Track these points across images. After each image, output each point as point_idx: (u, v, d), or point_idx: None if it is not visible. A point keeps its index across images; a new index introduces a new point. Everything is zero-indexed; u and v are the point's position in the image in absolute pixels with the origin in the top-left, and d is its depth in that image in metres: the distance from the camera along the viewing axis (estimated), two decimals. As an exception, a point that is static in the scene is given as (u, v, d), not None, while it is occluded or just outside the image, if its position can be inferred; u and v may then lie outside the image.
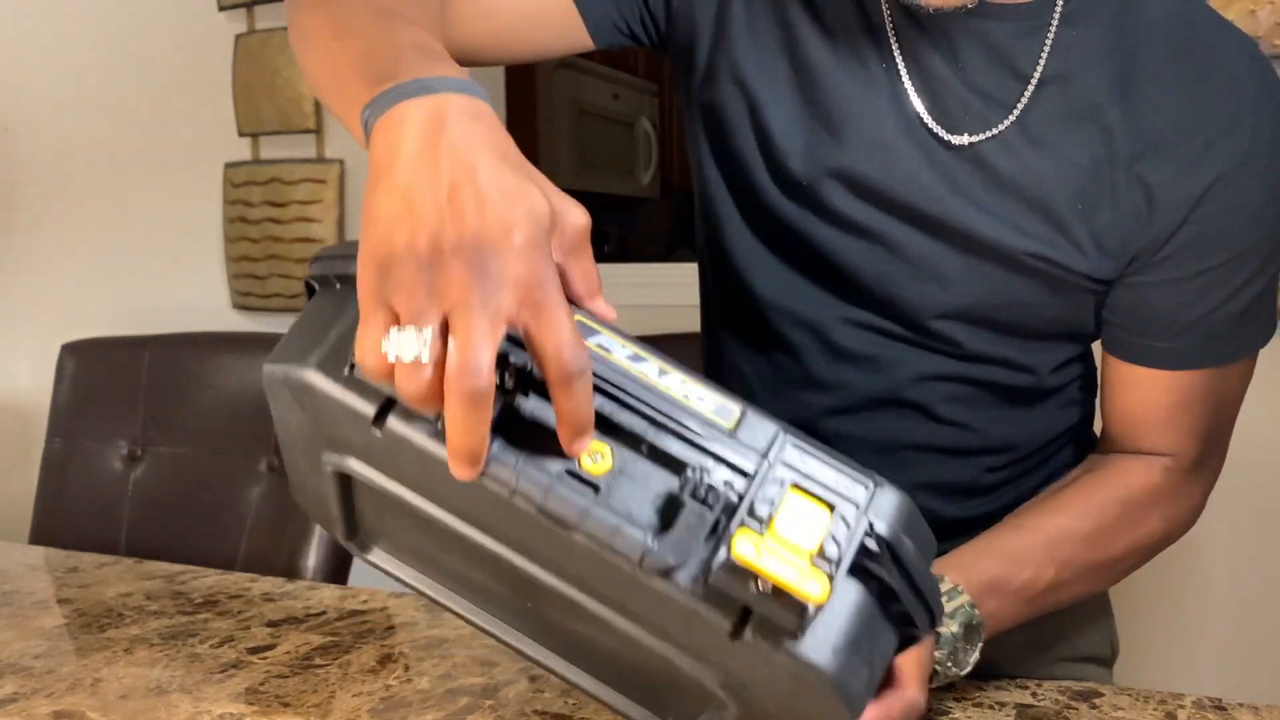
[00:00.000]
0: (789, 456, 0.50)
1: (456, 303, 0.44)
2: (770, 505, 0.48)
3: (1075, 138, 0.73)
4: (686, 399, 0.51)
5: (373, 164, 0.50)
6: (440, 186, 0.46)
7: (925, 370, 0.80)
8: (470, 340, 0.44)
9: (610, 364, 0.50)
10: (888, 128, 0.76)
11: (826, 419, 0.83)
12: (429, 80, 0.51)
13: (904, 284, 0.78)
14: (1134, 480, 0.80)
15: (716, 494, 0.48)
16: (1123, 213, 0.73)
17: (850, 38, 0.77)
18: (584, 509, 0.48)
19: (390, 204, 0.47)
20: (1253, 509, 1.62)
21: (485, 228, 0.45)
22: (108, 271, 2.50)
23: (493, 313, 0.44)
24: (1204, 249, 0.74)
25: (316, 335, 0.53)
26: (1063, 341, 0.82)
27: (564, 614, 0.55)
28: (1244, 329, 0.78)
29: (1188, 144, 0.72)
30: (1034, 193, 0.74)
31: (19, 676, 0.81)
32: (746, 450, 0.50)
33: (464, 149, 0.47)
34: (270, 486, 1.38)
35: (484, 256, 0.45)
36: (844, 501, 0.49)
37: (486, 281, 0.45)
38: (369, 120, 0.51)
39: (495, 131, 0.49)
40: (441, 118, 0.49)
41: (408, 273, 0.45)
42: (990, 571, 0.73)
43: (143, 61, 2.42)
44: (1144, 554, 0.82)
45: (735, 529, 0.47)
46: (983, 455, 0.84)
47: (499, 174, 0.47)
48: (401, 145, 0.48)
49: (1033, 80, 0.74)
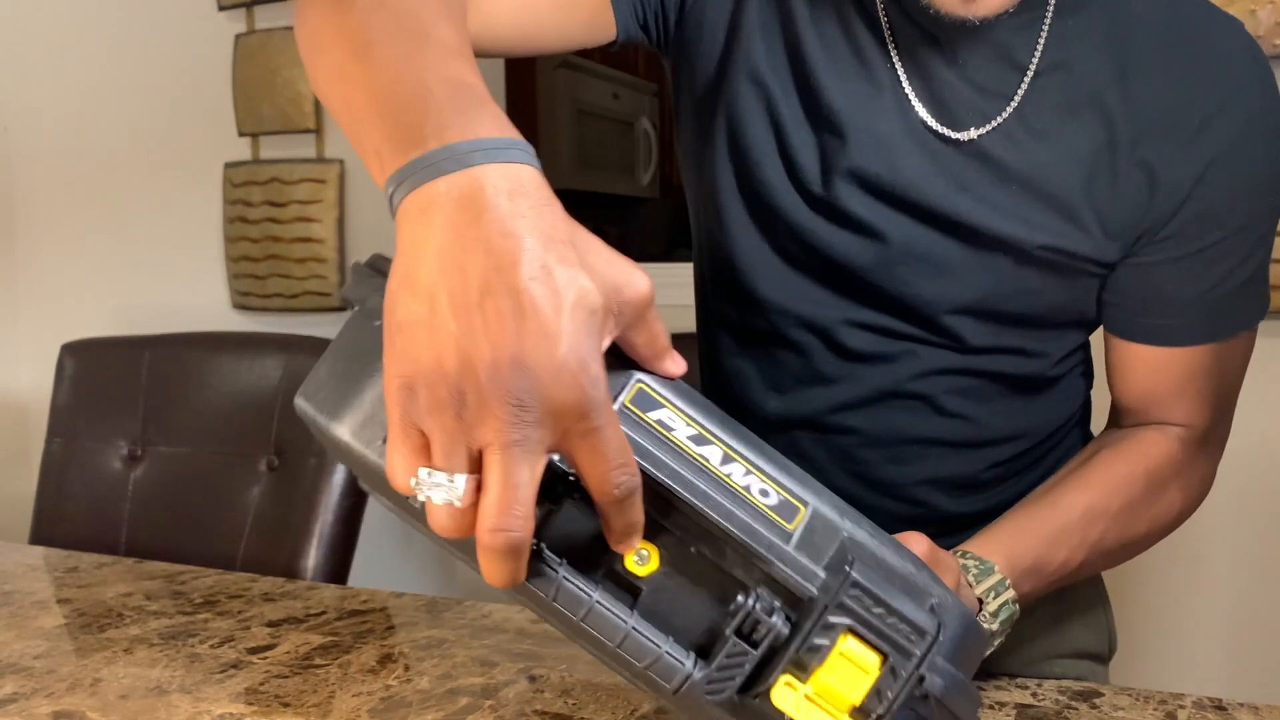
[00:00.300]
0: (854, 581, 0.46)
1: (491, 443, 0.41)
2: (819, 654, 0.45)
3: (1077, 125, 0.74)
4: (748, 492, 0.47)
5: (399, 250, 0.45)
6: (471, 290, 0.41)
7: (931, 365, 0.81)
8: (507, 491, 0.41)
9: (669, 447, 0.46)
10: (891, 129, 0.76)
11: (831, 414, 0.83)
12: (460, 148, 0.45)
13: (915, 283, 0.78)
14: (1155, 451, 0.81)
15: (765, 628, 0.45)
16: (1126, 196, 0.74)
17: (850, 39, 0.77)
18: (624, 631, 0.46)
19: (414, 310, 0.42)
20: (1253, 509, 1.62)
21: (524, 344, 0.40)
22: (108, 271, 2.50)
23: (532, 453, 0.41)
24: (1205, 226, 0.75)
25: (350, 383, 0.50)
26: (1067, 329, 0.83)
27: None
28: (1244, 302, 0.80)
29: (1185, 124, 0.73)
30: (1040, 183, 0.75)
31: (19, 676, 0.81)
32: (809, 569, 0.46)
33: (500, 240, 0.42)
34: (270, 486, 1.38)
35: (523, 382, 0.40)
36: (899, 651, 0.46)
37: (525, 414, 0.40)
38: (394, 198, 0.46)
39: (539, 210, 0.44)
40: (476, 201, 0.43)
41: (436, 396, 0.41)
42: (1032, 555, 0.73)
43: (143, 61, 2.42)
44: (1164, 530, 0.82)
45: (778, 675, 0.45)
46: (987, 448, 0.84)
47: (541, 267, 0.42)
48: (429, 238, 0.43)
49: (1029, 71, 0.75)
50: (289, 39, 2.24)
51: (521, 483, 0.41)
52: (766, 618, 0.45)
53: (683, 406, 0.48)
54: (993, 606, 0.69)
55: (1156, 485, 0.80)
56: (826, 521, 0.47)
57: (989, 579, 0.69)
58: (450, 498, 0.42)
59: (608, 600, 0.46)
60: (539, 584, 0.45)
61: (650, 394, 0.47)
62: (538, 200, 0.44)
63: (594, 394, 0.41)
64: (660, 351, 0.48)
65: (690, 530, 0.47)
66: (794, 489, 0.48)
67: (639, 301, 0.45)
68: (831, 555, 0.47)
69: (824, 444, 0.84)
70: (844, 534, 0.48)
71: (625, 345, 0.47)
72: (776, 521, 0.47)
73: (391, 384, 0.42)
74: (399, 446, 0.43)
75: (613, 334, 0.45)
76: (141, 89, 2.42)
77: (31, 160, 2.57)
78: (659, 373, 0.48)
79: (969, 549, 0.72)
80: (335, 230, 2.24)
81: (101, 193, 2.49)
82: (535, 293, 0.41)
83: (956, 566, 0.67)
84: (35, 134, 2.56)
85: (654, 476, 0.45)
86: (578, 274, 0.42)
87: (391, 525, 2.28)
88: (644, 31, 0.84)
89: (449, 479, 0.41)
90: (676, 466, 0.46)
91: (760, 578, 0.47)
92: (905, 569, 0.49)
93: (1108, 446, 0.82)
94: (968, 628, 0.49)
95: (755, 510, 0.46)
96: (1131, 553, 0.82)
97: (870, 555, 0.48)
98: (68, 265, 2.55)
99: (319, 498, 1.32)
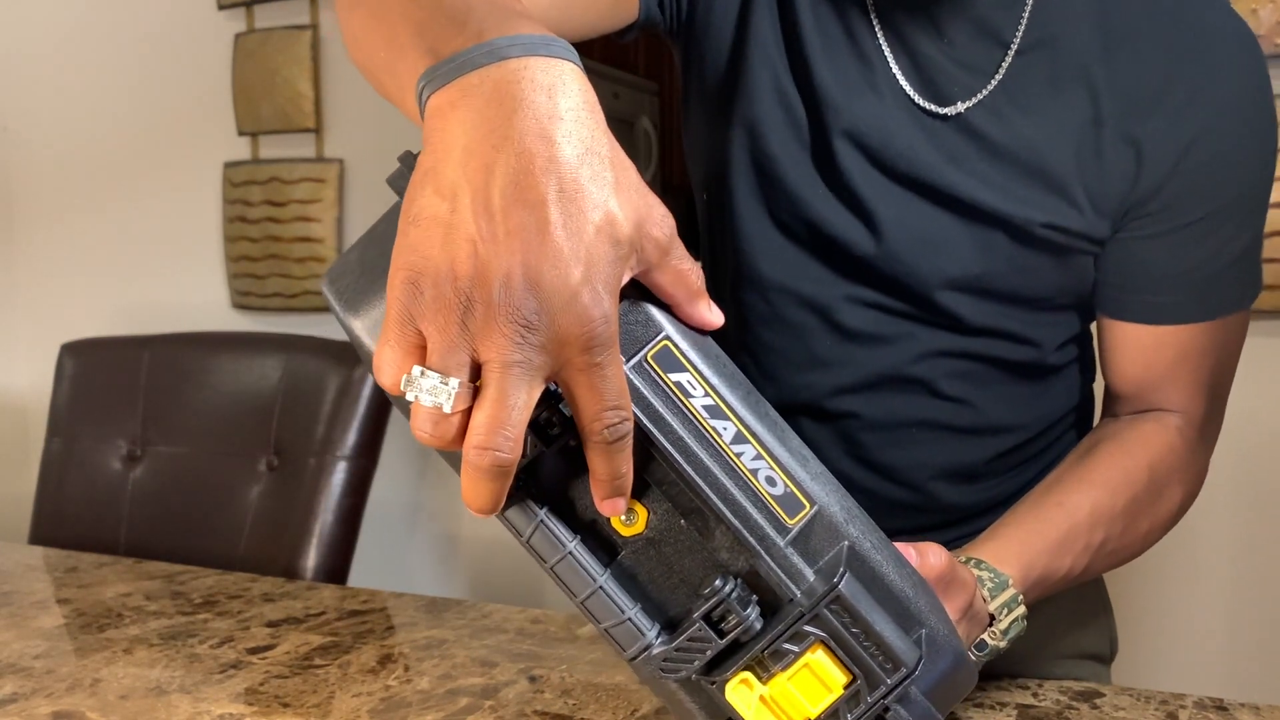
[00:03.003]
0: (837, 595, 0.44)
1: (492, 359, 0.39)
2: (785, 659, 0.44)
3: (1064, 100, 0.75)
4: (754, 476, 0.45)
5: (425, 145, 0.42)
6: (495, 193, 0.39)
7: (929, 346, 0.81)
8: (501, 411, 0.39)
9: (682, 413, 0.44)
10: (882, 103, 0.77)
11: (831, 398, 0.83)
12: (498, 43, 0.42)
13: (909, 257, 0.78)
14: (1155, 442, 0.81)
15: (736, 619, 0.44)
16: (1114, 170, 0.75)
17: (840, 16, 0.78)
18: (591, 588, 0.44)
19: (434, 205, 0.40)
20: (1254, 509, 1.62)
21: (542, 264, 0.38)
22: (108, 271, 2.50)
23: (531, 376, 0.39)
24: (1192, 200, 0.76)
25: (375, 277, 0.47)
26: (1065, 312, 0.83)
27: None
28: (1233, 281, 0.80)
29: (1170, 98, 0.74)
30: (1029, 158, 0.75)
31: (19, 676, 0.81)
32: (797, 570, 0.44)
33: (533, 141, 0.39)
34: (270, 486, 1.38)
35: (533, 303, 0.38)
36: (868, 676, 0.44)
37: (531, 336, 0.39)
38: (424, 94, 0.43)
39: (579, 114, 0.41)
40: (511, 94, 0.40)
41: (442, 297, 0.39)
42: (1042, 563, 0.73)
43: (142, 61, 2.42)
44: (1164, 528, 0.82)
45: (736, 670, 0.44)
46: (988, 435, 0.84)
47: (572, 181, 0.39)
48: (458, 131, 0.40)
49: (1013, 46, 0.75)
50: (289, 38, 2.24)
51: (517, 404, 0.39)
52: (740, 609, 0.44)
53: (706, 374, 0.45)
54: (1004, 624, 0.68)
55: (1159, 480, 0.80)
56: (830, 524, 0.46)
57: (1003, 594, 0.68)
58: (439, 401, 0.40)
59: (582, 553, 0.45)
60: (517, 520, 0.44)
61: (675, 354, 0.45)
62: (579, 102, 0.41)
63: (602, 330, 0.40)
64: (692, 294, 0.45)
65: (683, 502, 0.45)
66: (804, 484, 0.46)
67: (662, 240, 0.43)
68: (827, 560, 0.45)
69: (825, 428, 0.84)
70: (846, 541, 0.46)
71: (654, 288, 0.45)
72: (776, 513, 0.45)
73: (396, 276, 0.40)
74: (393, 341, 0.41)
75: (633, 270, 0.43)
76: (141, 88, 2.42)
77: (31, 160, 2.57)
78: (692, 319, 0.46)
79: (983, 557, 0.70)
80: (335, 230, 2.24)
81: (101, 192, 2.49)
82: (561, 209, 0.39)
83: (973, 583, 0.66)
84: (35, 134, 2.56)
85: (655, 439, 0.44)
86: (609, 196, 0.40)
87: (391, 525, 2.28)
88: (661, 10, 0.84)
89: (442, 381, 0.40)
90: (683, 434, 0.44)
91: (745, 567, 0.45)
92: (902, 591, 0.47)
93: (1108, 439, 0.82)
94: (956, 665, 0.47)
95: (757, 497, 0.45)
96: (1134, 553, 0.82)
97: (869, 570, 0.46)
98: (68, 265, 2.55)
99: (319, 498, 1.32)
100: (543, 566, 0.45)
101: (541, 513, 0.44)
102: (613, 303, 0.40)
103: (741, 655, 0.44)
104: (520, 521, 0.45)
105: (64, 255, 2.56)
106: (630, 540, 0.46)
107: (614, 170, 0.41)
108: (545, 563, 0.45)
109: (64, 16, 2.50)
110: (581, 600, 0.45)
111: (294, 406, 1.38)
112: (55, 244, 2.57)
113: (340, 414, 1.34)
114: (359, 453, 1.34)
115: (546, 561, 0.45)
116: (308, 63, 2.23)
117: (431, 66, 0.43)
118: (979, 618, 0.67)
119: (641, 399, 0.44)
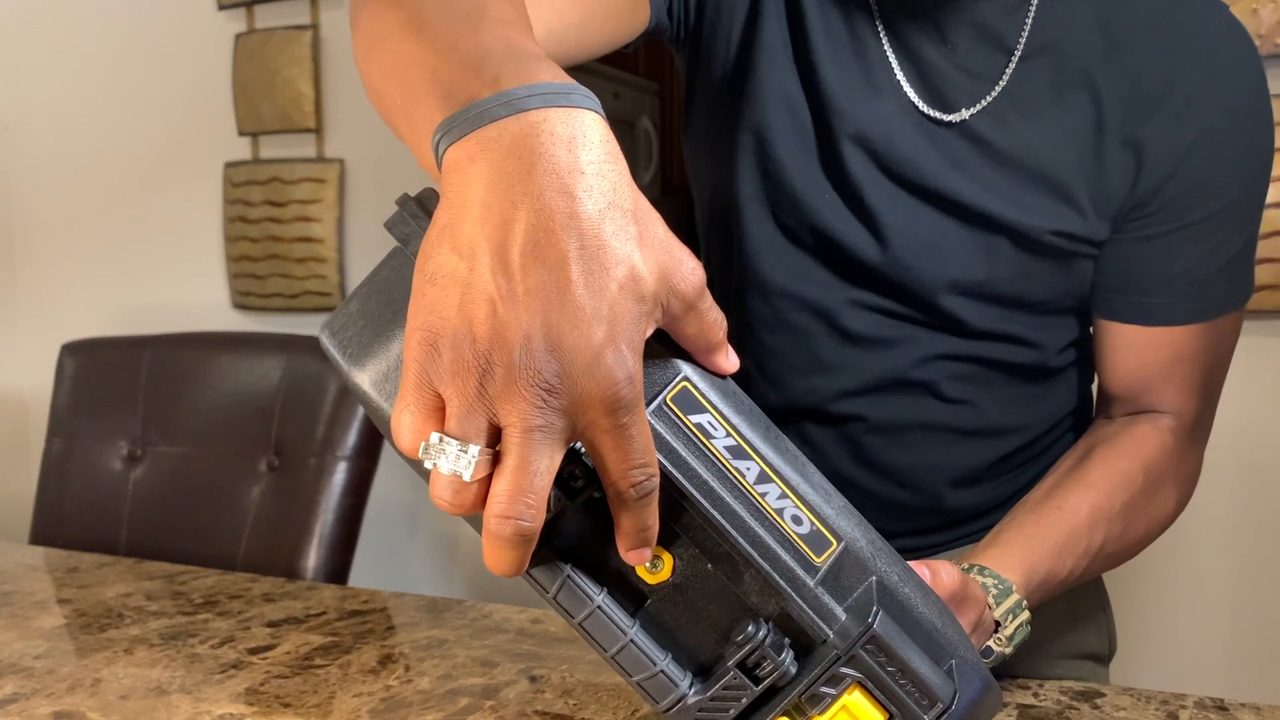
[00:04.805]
0: (873, 636, 0.43)
1: (513, 423, 0.38)
2: (822, 703, 0.43)
3: (1067, 105, 0.76)
4: (779, 516, 0.44)
5: (443, 200, 0.41)
6: (514, 251, 0.38)
7: (932, 350, 0.81)
8: (523, 478, 0.38)
9: (704, 456, 0.43)
10: (886, 109, 0.77)
11: (835, 402, 0.83)
12: (516, 93, 0.41)
13: (913, 262, 0.78)
14: (1150, 444, 0.81)
15: (771, 665, 0.43)
16: (1114, 174, 0.76)
17: (847, 21, 0.78)
18: (621, 642, 0.43)
19: (452, 263, 0.39)
20: (1254, 509, 1.62)
21: (563, 325, 0.37)
22: (108, 271, 2.50)
23: (554, 441, 0.38)
24: (1190, 203, 0.76)
25: (379, 329, 0.46)
26: (1066, 316, 0.83)
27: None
28: (1228, 283, 0.80)
29: (1170, 101, 0.74)
30: (1033, 164, 0.76)
31: (19, 676, 0.81)
32: (829, 610, 0.44)
33: (554, 197, 0.38)
34: (270, 486, 1.38)
35: (555, 366, 0.37)
36: (906, 714, 0.44)
37: (552, 400, 0.37)
38: (441, 146, 0.42)
39: (601, 167, 0.40)
40: (530, 148, 0.39)
41: (461, 359, 0.38)
42: (1044, 568, 0.73)
43: (142, 61, 2.42)
44: (1160, 529, 0.82)
45: (773, 717, 0.43)
46: (991, 438, 0.85)
47: (594, 237, 0.38)
48: (476, 186, 0.39)
49: (1016, 53, 0.76)
50: (289, 38, 2.24)
51: (539, 471, 0.38)
52: (774, 654, 0.43)
53: (727, 414, 0.44)
54: (1009, 630, 0.68)
55: (1154, 482, 0.80)
56: (858, 560, 0.45)
57: (1007, 600, 0.69)
58: (459, 469, 0.39)
59: (610, 606, 0.44)
60: (542, 577, 0.43)
61: (695, 395, 0.44)
62: (601, 155, 0.40)
63: (626, 391, 0.38)
64: (714, 345, 0.44)
65: (710, 546, 0.44)
66: (830, 520, 0.45)
67: (690, 292, 0.42)
68: (856, 596, 0.44)
69: (829, 432, 0.85)
70: (874, 576, 0.45)
71: (676, 335, 0.44)
72: (804, 553, 0.44)
73: (413, 337, 0.39)
74: (411, 405, 0.39)
75: (658, 323, 0.42)
76: (141, 89, 2.42)
77: (31, 160, 2.57)
78: (711, 368, 0.45)
79: (986, 563, 0.70)
80: (335, 230, 2.24)
81: (101, 193, 2.49)
82: (583, 267, 0.38)
83: (984, 598, 0.66)
84: (35, 134, 2.56)
85: (680, 485, 0.43)
86: (632, 251, 0.39)
87: (391, 525, 2.28)
88: (669, 15, 0.83)
89: (461, 449, 0.38)
90: (708, 478, 0.43)
91: (775, 609, 0.44)
92: (931, 623, 0.46)
93: (1103, 443, 0.82)
94: (985, 690, 0.47)
95: (784, 537, 0.44)
96: (1130, 554, 0.82)
97: (898, 604, 0.45)
98: (68, 265, 2.55)
99: (319, 498, 1.32)
100: (569, 622, 0.44)
101: (567, 569, 0.43)
102: (637, 361, 0.39)
103: (778, 701, 0.44)
104: (545, 579, 0.43)
105: (64, 255, 2.56)
106: (656, 588, 0.45)
107: (637, 224, 0.40)
108: (573, 618, 0.44)
109: (64, 16, 2.50)
110: (612, 655, 0.44)
111: (294, 407, 1.38)
112: (56, 244, 2.57)
113: (341, 414, 1.35)
114: (359, 453, 1.34)
115: (574, 617, 0.44)
116: (308, 63, 2.23)
117: (448, 118, 0.42)
118: (986, 627, 0.67)
119: (664, 444, 0.43)
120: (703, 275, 0.43)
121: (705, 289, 0.43)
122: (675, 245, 0.42)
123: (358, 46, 0.57)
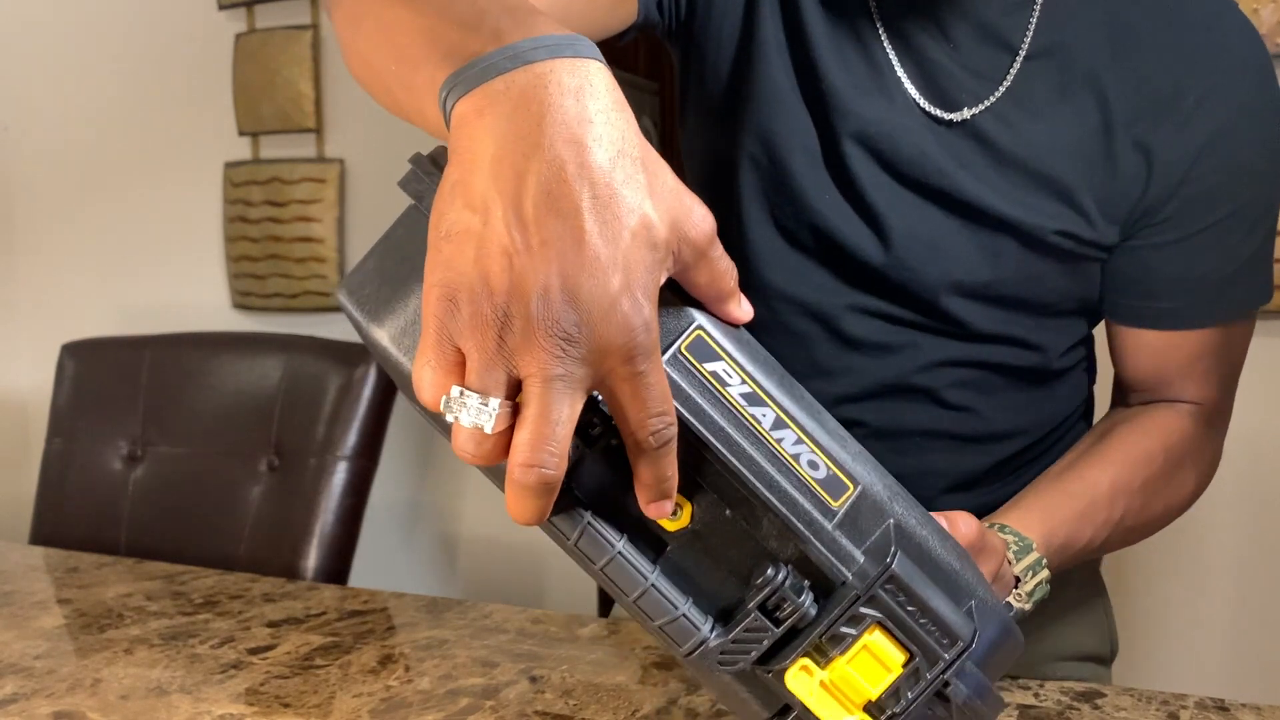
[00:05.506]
0: (892, 575, 0.44)
1: (533, 374, 0.39)
2: (843, 643, 0.44)
3: (1073, 107, 0.75)
4: (796, 461, 0.44)
5: (452, 156, 0.41)
6: (528, 203, 0.38)
7: (934, 356, 0.81)
8: (545, 427, 0.38)
9: (720, 403, 0.44)
10: (889, 108, 0.77)
11: (834, 407, 0.83)
12: (520, 45, 0.41)
13: (916, 263, 0.78)
14: (1172, 426, 0.81)
15: (791, 606, 0.44)
16: (1124, 178, 0.75)
17: (848, 19, 0.78)
18: (643, 587, 0.44)
19: (466, 218, 0.39)
20: (1255, 508, 1.62)
21: (580, 275, 0.38)
22: (108, 271, 2.50)
23: (573, 389, 0.39)
24: (1202, 208, 0.76)
25: (396, 285, 0.46)
26: (1070, 318, 0.83)
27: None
28: (1246, 284, 0.80)
29: (1180, 103, 0.74)
30: (1037, 165, 0.75)
31: (19, 676, 0.81)
32: (847, 553, 0.44)
33: (564, 147, 0.39)
34: (270, 486, 1.38)
35: (573, 315, 0.38)
36: (927, 653, 0.44)
37: (571, 349, 0.38)
38: (448, 102, 0.42)
39: (609, 115, 0.40)
40: (539, 100, 0.39)
41: (479, 313, 0.38)
42: (1064, 532, 0.73)
43: (143, 61, 2.42)
44: (1179, 510, 0.83)
45: (796, 657, 0.44)
46: (992, 443, 0.84)
47: (606, 185, 0.39)
48: (486, 140, 0.40)
49: (1020, 53, 0.75)
50: (289, 38, 2.24)
51: (560, 419, 0.39)
52: (794, 596, 0.43)
53: (741, 361, 0.45)
54: (1029, 586, 0.69)
55: (1174, 462, 0.80)
56: (875, 503, 0.45)
57: (1028, 557, 0.69)
58: (480, 422, 0.39)
59: (631, 552, 0.44)
60: (563, 524, 0.44)
61: (709, 343, 0.45)
62: (608, 103, 0.40)
63: (643, 339, 0.39)
64: (725, 293, 0.45)
65: (728, 493, 0.45)
66: (846, 465, 0.46)
67: (701, 240, 0.42)
68: (874, 539, 0.45)
69: None
70: (891, 519, 0.45)
71: (687, 285, 0.44)
72: (821, 497, 0.44)
73: (431, 293, 0.39)
74: (432, 360, 0.40)
75: (670, 271, 0.42)
76: (142, 88, 2.42)
77: (31, 160, 2.57)
78: (723, 317, 0.46)
79: (1007, 522, 0.71)
80: (335, 230, 2.24)
81: (101, 192, 2.49)
82: (596, 216, 0.38)
83: (1003, 548, 0.67)
84: (35, 134, 2.56)
85: (697, 431, 0.43)
86: (643, 200, 0.40)
87: (391, 525, 2.28)
88: (659, 10, 0.82)
89: (482, 402, 0.39)
90: (724, 424, 0.44)
91: (794, 553, 0.45)
92: (950, 564, 0.47)
93: (1123, 423, 0.82)
94: (1005, 632, 0.47)
95: (801, 482, 0.44)
96: (1148, 532, 0.82)
97: (916, 546, 0.46)
98: (68, 265, 2.55)
99: (319, 498, 1.32)
100: (589, 568, 0.45)
101: (587, 515, 0.44)
102: (652, 309, 0.40)
103: (799, 643, 0.44)
104: (565, 526, 0.44)
105: (64, 255, 2.56)
106: (676, 534, 0.46)
107: (646, 172, 0.41)
108: (594, 564, 0.44)
109: (64, 16, 2.50)
110: (633, 599, 0.45)
111: (295, 407, 1.38)
112: (56, 244, 2.57)
113: (341, 414, 1.34)
114: (359, 453, 1.34)
115: (595, 563, 0.44)
116: (308, 63, 2.23)
117: (454, 73, 0.42)
118: (1005, 581, 0.67)
119: (680, 392, 0.43)
120: (713, 223, 0.43)
121: (715, 237, 0.43)
122: (684, 193, 0.42)
123: (338, 19, 0.57)
